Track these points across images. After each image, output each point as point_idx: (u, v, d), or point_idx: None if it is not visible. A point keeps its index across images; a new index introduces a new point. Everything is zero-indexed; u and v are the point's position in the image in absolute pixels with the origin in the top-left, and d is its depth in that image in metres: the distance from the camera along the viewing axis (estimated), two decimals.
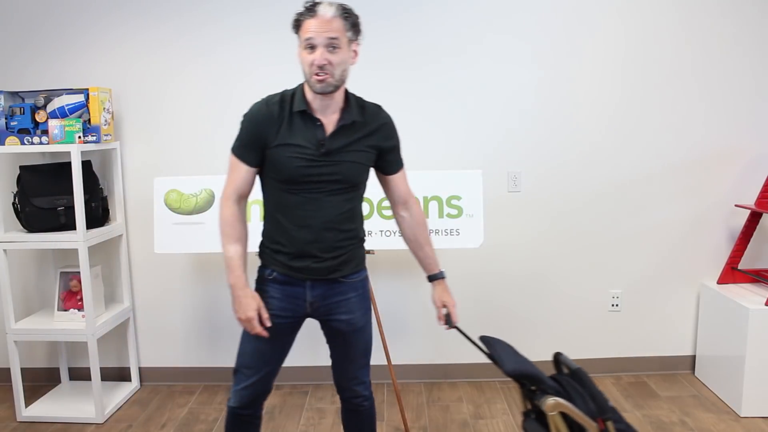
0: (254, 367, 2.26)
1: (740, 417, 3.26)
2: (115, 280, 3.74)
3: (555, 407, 2.08)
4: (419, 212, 2.34)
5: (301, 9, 2.04)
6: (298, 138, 2.09)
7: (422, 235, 2.33)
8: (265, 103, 2.15)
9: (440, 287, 2.35)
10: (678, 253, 3.71)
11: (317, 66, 2.00)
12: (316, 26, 1.99)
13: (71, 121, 3.19)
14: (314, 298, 2.22)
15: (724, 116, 3.60)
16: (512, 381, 3.73)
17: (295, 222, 2.14)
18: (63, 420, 3.37)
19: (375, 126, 2.19)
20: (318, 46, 2.00)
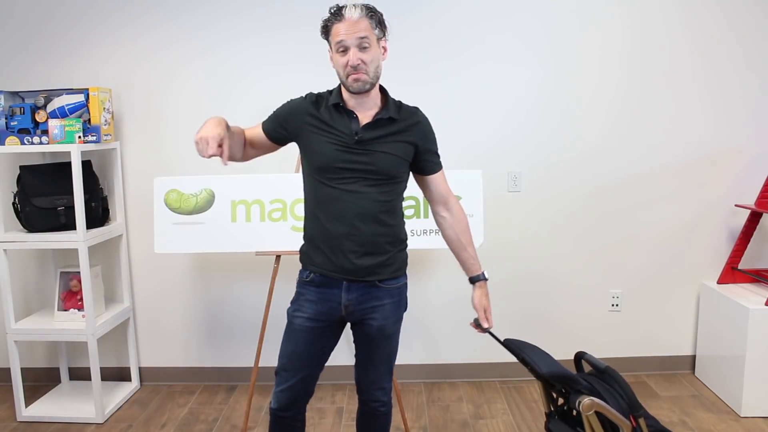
0: (292, 370, 2.27)
1: (740, 417, 3.26)
2: (115, 280, 3.74)
3: (591, 407, 2.09)
4: (460, 212, 2.35)
5: (327, 15, 2.11)
6: (333, 125, 2.15)
7: (464, 236, 2.35)
8: (304, 97, 2.24)
9: (481, 290, 2.38)
10: (678, 253, 3.71)
11: (351, 66, 2.07)
12: (345, 29, 2.06)
13: (71, 121, 3.19)
14: (349, 301, 2.21)
15: (724, 116, 3.60)
16: (510, 381, 3.73)
17: (331, 214, 2.15)
18: (63, 420, 3.37)
19: (411, 123, 2.22)
20: (350, 47, 2.06)
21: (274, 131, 2.24)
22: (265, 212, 3.15)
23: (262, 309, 3.72)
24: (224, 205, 3.16)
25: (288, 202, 3.14)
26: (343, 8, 2.08)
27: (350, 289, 2.20)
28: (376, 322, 2.23)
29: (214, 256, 3.70)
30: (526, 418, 3.31)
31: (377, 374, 2.34)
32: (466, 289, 3.69)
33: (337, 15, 2.08)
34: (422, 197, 3.21)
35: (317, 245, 2.19)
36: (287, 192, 3.14)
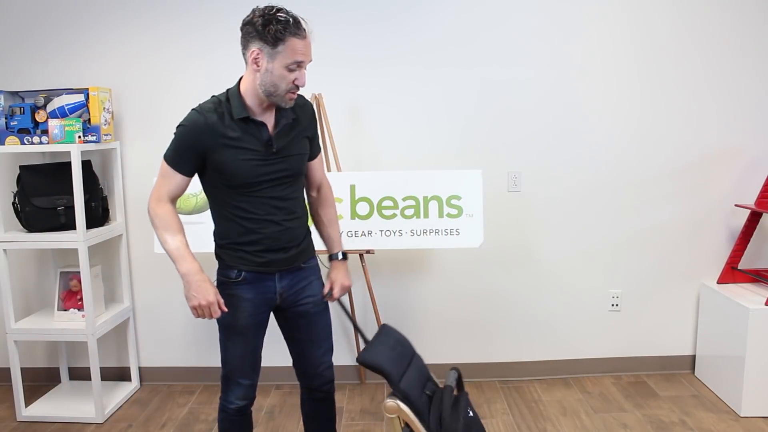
0: (248, 369, 2.30)
1: (740, 417, 3.26)
2: (115, 280, 3.74)
3: (393, 410, 2.07)
4: (328, 193, 2.43)
5: (280, 21, 2.00)
6: (244, 141, 2.10)
7: (326, 215, 2.41)
8: (200, 112, 2.11)
9: (336, 267, 2.42)
10: (678, 253, 3.71)
11: (298, 86, 2.07)
12: (304, 48, 2.03)
13: (71, 121, 3.20)
14: (283, 289, 2.28)
15: (724, 116, 3.60)
16: (510, 381, 3.74)
17: (260, 220, 2.18)
18: (63, 420, 3.37)
19: (306, 116, 2.27)
20: (304, 67, 2.06)
21: (190, 169, 2.16)
22: None
23: None
24: None
25: None
26: (300, 23, 2.03)
27: (282, 277, 2.27)
28: (310, 298, 2.33)
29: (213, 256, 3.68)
30: (526, 418, 3.31)
31: (322, 351, 2.40)
32: (465, 290, 3.71)
33: (298, 29, 2.01)
34: (422, 197, 3.22)
35: (241, 246, 2.21)
36: None
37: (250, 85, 2.10)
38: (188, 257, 2.12)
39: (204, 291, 2.08)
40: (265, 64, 2.03)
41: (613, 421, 3.25)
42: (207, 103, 2.14)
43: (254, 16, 2.04)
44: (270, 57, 2.02)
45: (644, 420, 3.25)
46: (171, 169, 2.15)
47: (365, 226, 3.18)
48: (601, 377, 3.78)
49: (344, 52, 3.52)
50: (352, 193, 3.17)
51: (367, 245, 3.19)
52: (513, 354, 3.78)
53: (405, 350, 2.36)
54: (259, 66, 2.04)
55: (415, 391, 2.19)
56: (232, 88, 2.16)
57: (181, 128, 2.12)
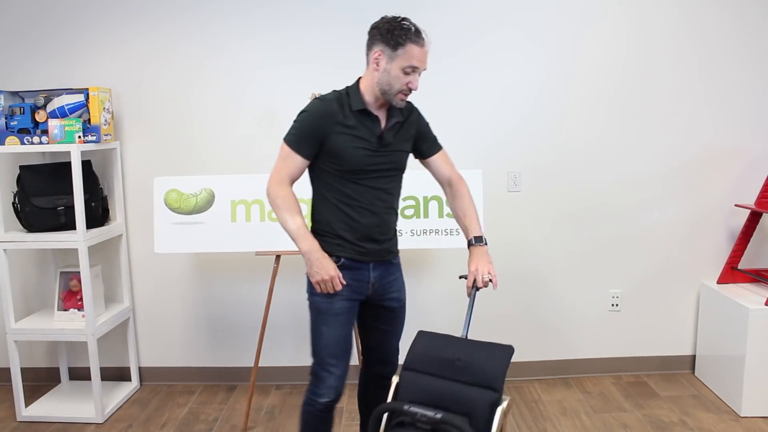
0: (342, 356, 2.38)
1: (740, 417, 3.26)
2: (115, 280, 3.74)
3: None
4: (460, 185, 2.50)
5: (403, 28, 2.18)
6: (359, 131, 2.26)
7: (460, 207, 2.47)
8: (323, 101, 2.29)
9: (477, 251, 2.39)
10: (678, 253, 3.71)
11: (411, 89, 2.24)
12: (422, 55, 2.21)
13: (71, 121, 3.20)
14: (375, 279, 2.40)
15: (724, 116, 3.60)
16: (510, 381, 3.73)
17: (362, 208, 2.31)
18: (63, 420, 3.37)
19: (411, 118, 2.42)
20: (418, 73, 2.23)
21: (310, 152, 2.28)
22: (265, 212, 3.15)
23: (262, 309, 3.72)
24: (224, 205, 3.16)
25: None
26: (420, 32, 2.20)
27: (375, 268, 2.39)
28: (395, 293, 2.47)
29: (213, 256, 3.70)
30: (526, 418, 3.31)
31: (396, 341, 2.57)
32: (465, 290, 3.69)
33: (418, 38, 2.19)
34: (422, 197, 3.22)
35: (341, 234, 2.32)
36: None
37: (369, 82, 2.28)
38: (309, 236, 2.26)
39: (325, 267, 2.22)
40: (384, 64, 2.21)
41: (613, 421, 3.25)
42: (329, 95, 2.32)
43: (382, 22, 2.22)
44: (389, 59, 2.20)
45: (644, 420, 3.25)
46: (292, 152, 2.27)
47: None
48: (601, 377, 3.78)
49: (345, 51, 3.52)
50: None
51: None
52: None
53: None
54: (379, 66, 2.22)
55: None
56: (352, 85, 2.34)
57: (304, 114, 2.28)
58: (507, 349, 2.11)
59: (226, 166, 3.62)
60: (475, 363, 2.06)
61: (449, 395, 2.04)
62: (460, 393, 2.03)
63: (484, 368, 2.04)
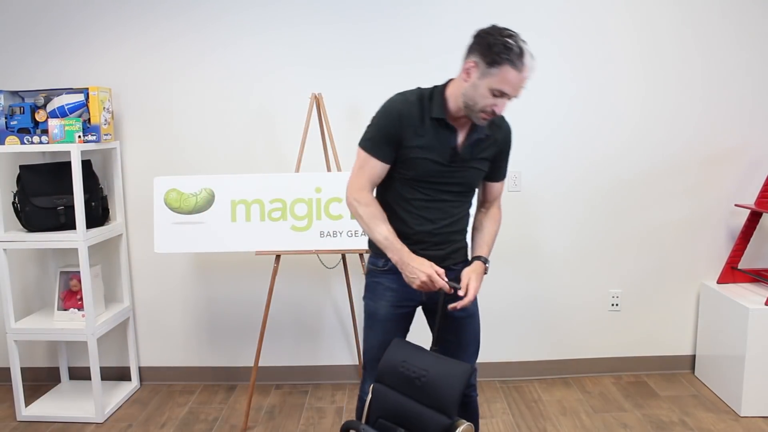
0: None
1: (740, 417, 3.26)
2: (115, 280, 3.74)
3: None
4: (496, 213, 2.39)
5: (506, 46, 1.98)
6: (433, 141, 2.13)
7: (488, 226, 2.35)
8: (403, 100, 2.15)
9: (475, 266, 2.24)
10: (678, 253, 3.71)
11: (495, 113, 2.06)
12: (516, 81, 2.01)
13: (71, 121, 3.19)
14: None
15: (724, 116, 3.60)
16: (510, 381, 3.73)
17: (418, 216, 2.20)
18: (63, 419, 3.37)
19: (500, 138, 2.25)
20: (507, 98, 2.04)
21: (390, 156, 2.16)
22: (265, 212, 3.15)
23: (261, 308, 3.72)
24: (224, 205, 3.16)
25: (288, 201, 3.14)
26: (524, 56, 2.00)
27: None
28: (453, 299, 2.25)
29: (214, 256, 3.70)
30: (526, 417, 3.31)
31: (467, 356, 2.36)
32: None
33: (519, 61, 1.98)
34: None
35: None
36: (287, 192, 3.14)
37: (456, 90, 2.11)
38: (397, 243, 2.13)
39: (418, 270, 2.08)
40: (474, 77, 2.03)
41: (613, 420, 3.25)
42: (411, 94, 2.17)
43: (487, 31, 2.03)
44: (481, 74, 2.02)
45: (644, 420, 3.25)
46: (369, 156, 2.16)
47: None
48: (601, 377, 3.78)
49: (345, 50, 3.52)
50: None
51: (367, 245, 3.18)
52: (513, 353, 3.78)
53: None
54: (469, 77, 2.05)
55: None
56: (438, 87, 2.18)
57: (383, 113, 2.16)
58: (464, 368, 2.01)
59: (226, 165, 3.62)
60: (433, 384, 2.00)
61: (411, 414, 2.01)
62: (420, 414, 2.00)
63: (439, 391, 1.99)
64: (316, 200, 3.14)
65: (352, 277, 3.61)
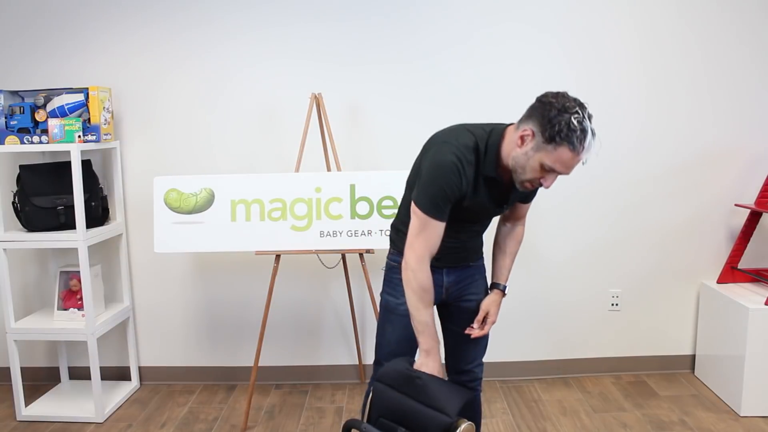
0: (400, 354, 2.25)
1: (740, 416, 3.26)
2: (115, 280, 3.74)
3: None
4: (520, 231, 2.41)
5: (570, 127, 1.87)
6: (484, 196, 2.10)
7: (510, 246, 2.39)
8: (460, 162, 2.01)
9: (494, 296, 2.35)
10: (678, 253, 3.71)
11: (540, 186, 2.00)
12: (569, 162, 1.90)
13: (71, 121, 3.19)
14: (449, 283, 2.31)
15: (724, 116, 3.59)
16: (510, 381, 3.73)
17: (449, 237, 2.15)
18: (63, 419, 3.37)
19: None
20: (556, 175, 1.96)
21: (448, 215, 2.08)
22: (265, 212, 3.15)
23: (261, 308, 3.72)
24: (224, 205, 3.16)
25: (288, 201, 3.14)
26: (585, 139, 1.88)
27: (449, 273, 2.30)
28: (473, 296, 2.34)
29: (213, 256, 3.70)
30: (526, 417, 3.31)
31: (478, 349, 2.42)
32: None
33: (577, 144, 1.87)
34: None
35: None
36: (287, 191, 3.14)
37: (508, 150, 2.01)
38: (433, 335, 2.11)
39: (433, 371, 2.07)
40: (528, 147, 1.93)
41: (613, 420, 3.25)
42: (468, 151, 2.03)
43: (555, 101, 1.92)
44: (536, 146, 1.91)
45: (644, 420, 3.25)
46: (430, 219, 2.05)
47: (365, 225, 3.17)
48: (600, 377, 3.78)
49: (345, 50, 3.52)
50: (352, 193, 3.17)
51: (367, 245, 3.19)
52: (513, 353, 3.78)
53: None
54: (523, 144, 1.94)
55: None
56: (493, 138, 2.05)
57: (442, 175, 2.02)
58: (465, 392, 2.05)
59: (226, 165, 3.62)
60: (432, 385, 2.02)
61: (411, 413, 2.01)
62: (419, 413, 2.00)
63: (438, 393, 2.01)
64: (316, 200, 3.14)
65: (351, 276, 3.61)
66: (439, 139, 2.13)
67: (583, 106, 1.92)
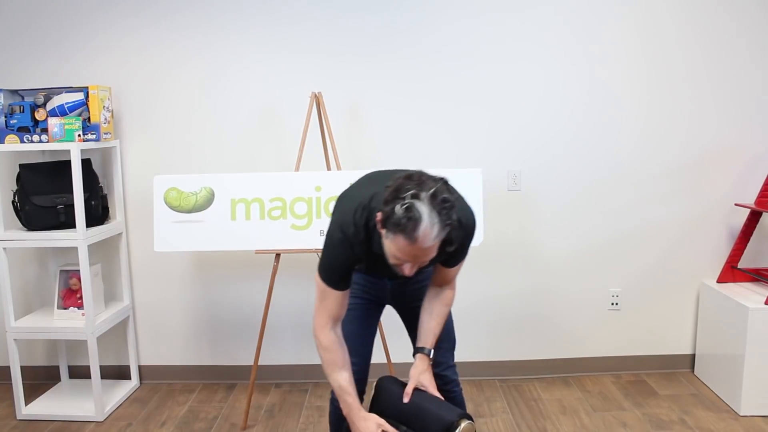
0: (353, 350, 2.20)
1: (739, 416, 3.26)
2: (115, 279, 3.74)
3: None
4: (448, 294, 2.21)
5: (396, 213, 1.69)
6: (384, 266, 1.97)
7: (437, 309, 2.19)
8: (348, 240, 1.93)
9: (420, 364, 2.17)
10: (678, 252, 3.71)
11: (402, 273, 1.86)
12: (410, 251, 1.74)
13: (71, 120, 3.19)
14: (394, 286, 2.29)
15: (725, 115, 3.59)
16: (510, 380, 3.74)
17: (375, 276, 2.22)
18: (63, 418, 3.37)
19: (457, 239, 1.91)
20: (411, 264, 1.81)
21: (347, 283, 2.03)
22: (265, 210, 3.15)
23: (261, 307, 3.72)
24: (224, 204, 3.16)
25: (288, 200, 3.14)
26: (417, 229, 1.67)
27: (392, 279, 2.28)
28: (421, 302, 2.23)
29: (213, 255, 3.70)
30: (526, 417, 3.31)
31: (441, 354, 2.32)
32: (464, 288, 3.70)
33: (410, 233, 1.68)
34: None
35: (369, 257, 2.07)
36: (287, 190, 3.14)
37: None
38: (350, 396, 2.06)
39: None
40: (382, 231, 1.79)
41: (613, 419, 3.25)
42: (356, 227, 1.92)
43: (392, 185, 1.76)
44: (384, 233, 1.78)
45: (644, 419, 3.25)
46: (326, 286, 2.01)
47: None
48: (600, 376, 3.78)
49: (345, 48, 3.52)
50: None
51: None
52: (512, 353, 3.78)
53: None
54: (380, 228, 1.80)
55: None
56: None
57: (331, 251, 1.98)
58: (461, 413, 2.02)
59: (226, 164, 3.62)
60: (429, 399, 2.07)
61: (413, 412, 2.03)
62: (420, 412, 2.01)
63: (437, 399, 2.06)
64: (315, 199, 3.13)
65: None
66: (337, 208, 2.01)
67: (422, 185, 1.71)
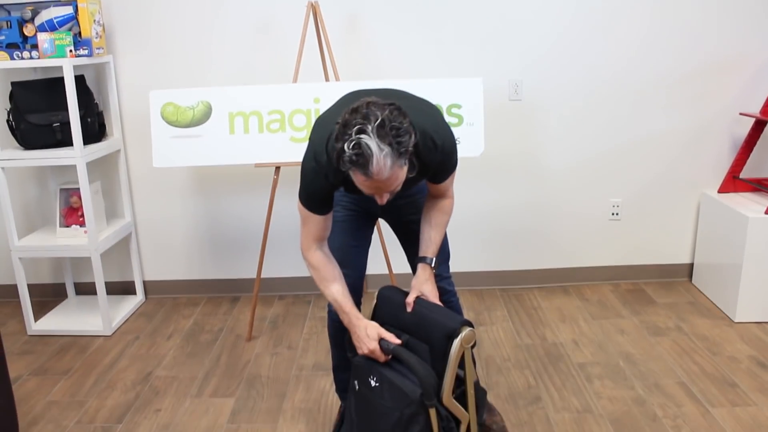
0: (344, 262, 2.20)
1: (734, 322, 3.32)
2: (116, 196, 3.75)
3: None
4: (446, 204, 2.18)
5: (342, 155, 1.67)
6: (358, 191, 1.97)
7: (436, 217, 2.17)
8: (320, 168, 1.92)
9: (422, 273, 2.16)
10: (680, 162, 3.69)
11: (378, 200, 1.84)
12: (373, 185, 1.73)
13: (61, 35, 3.11)
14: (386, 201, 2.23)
15: (729, 22, 3.49)
16: (510, 289, 3.79)
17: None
18: (72, 333, 3.45)
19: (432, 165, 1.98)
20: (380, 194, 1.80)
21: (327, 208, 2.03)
22: (264, 123, 3.11)
23: (262, 220, 3.74)
24: (222, 117, 3.11)
25: (286, 112, 3.09)
26: (370, 161, 1.64)
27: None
28: (414, 216, 2.26)
29: (213, 169, 3.68)
30: (526, 324, 3.38)
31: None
32: (465, 198, 3.70)
33: (363, 169, 1.66)
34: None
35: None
36: (285, 103, 3.09)
37: None
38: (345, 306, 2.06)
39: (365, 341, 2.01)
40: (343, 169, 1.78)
41: (611, 327, 3.32)
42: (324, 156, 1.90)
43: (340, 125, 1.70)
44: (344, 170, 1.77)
45: (641, 326, 3.32)
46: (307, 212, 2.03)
47: None
48: (599, 285, 3.84)
49: None
50: None
51: None
52: (513, 262, 3.82)
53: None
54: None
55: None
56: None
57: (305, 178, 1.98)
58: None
59: (223, 77, 3.55)
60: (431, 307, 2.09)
61: (414, 320, 2.05)
62: (422, 320, 2.03)
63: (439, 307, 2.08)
64: (314, 110, 3.09)
65: None
66: (313, 135, 1.97)
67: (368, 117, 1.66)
